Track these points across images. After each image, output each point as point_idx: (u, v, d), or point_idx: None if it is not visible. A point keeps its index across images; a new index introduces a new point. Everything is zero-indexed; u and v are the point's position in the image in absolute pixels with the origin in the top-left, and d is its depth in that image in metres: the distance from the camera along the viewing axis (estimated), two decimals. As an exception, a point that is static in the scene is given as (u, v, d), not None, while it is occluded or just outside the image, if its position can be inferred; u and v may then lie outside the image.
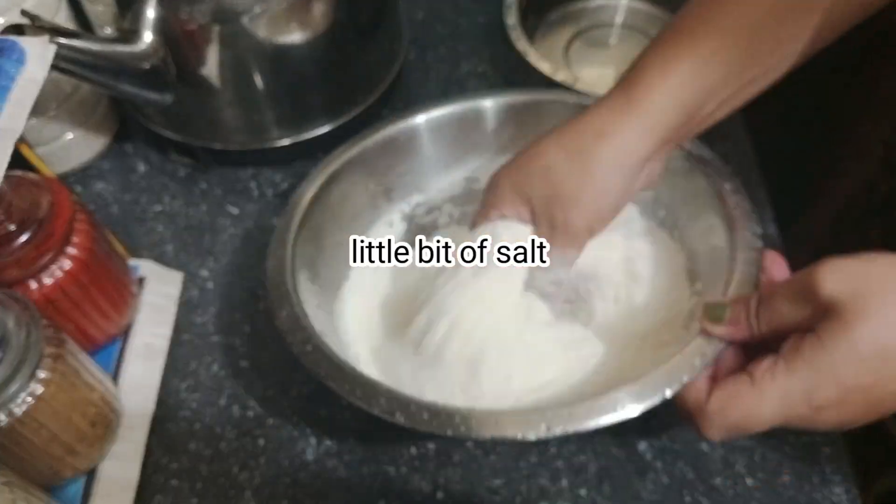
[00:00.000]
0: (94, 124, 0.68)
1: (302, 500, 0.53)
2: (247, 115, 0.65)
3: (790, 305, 0.39)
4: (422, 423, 0.42)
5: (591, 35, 0.79)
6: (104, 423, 0.51)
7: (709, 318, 0.43)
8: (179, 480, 0.53)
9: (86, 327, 0.54)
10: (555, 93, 0.61)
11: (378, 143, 0.58)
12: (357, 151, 0.57)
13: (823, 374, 0.36)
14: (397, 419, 0.42)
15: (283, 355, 0.58)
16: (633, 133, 0.47)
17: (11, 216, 0.47)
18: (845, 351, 0.35)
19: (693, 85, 0.45)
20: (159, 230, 0.66)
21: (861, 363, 0.35)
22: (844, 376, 0.36)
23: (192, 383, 0.58)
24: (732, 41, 0.44)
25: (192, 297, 0.62)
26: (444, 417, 0.42)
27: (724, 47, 0.44)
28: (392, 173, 0.60)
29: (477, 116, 0.59)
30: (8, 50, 0.46)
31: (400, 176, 0.60)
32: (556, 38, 0.79)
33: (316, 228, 0.55)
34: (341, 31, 0.63)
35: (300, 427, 0.56)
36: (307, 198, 0.54)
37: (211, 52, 0.59)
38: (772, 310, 0.40)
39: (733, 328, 0.42)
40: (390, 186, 0.60)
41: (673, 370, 0.42)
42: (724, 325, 0.42)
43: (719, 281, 0.47)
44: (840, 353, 0.36)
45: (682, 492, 0.52)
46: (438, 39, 0.80)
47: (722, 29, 0.44)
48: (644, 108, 0.46)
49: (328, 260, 0.56)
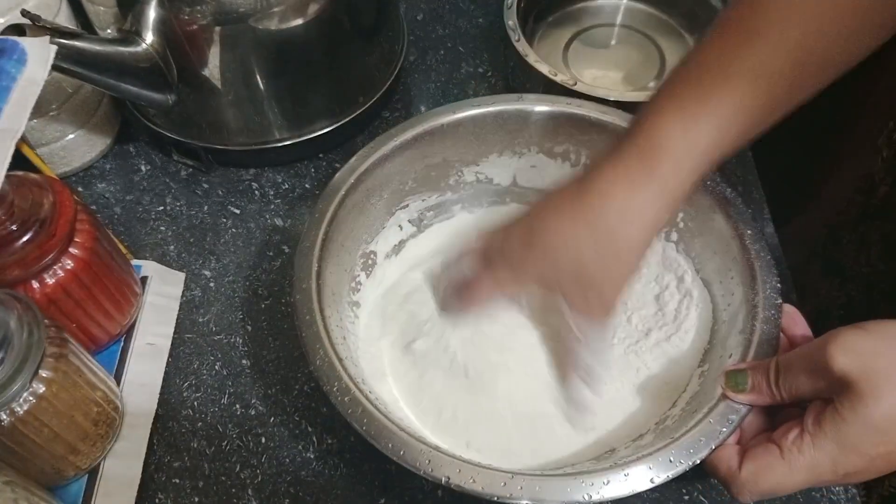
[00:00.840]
0: (95, 125, 0.68)
1: (303, 497, 0.53)
2: (248, 115, 0.66)
3: (807, 378, 0.40)
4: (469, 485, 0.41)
5: (591, 36, 0.79)
6: (106, 422, 0.51)
7: (730, 386, 0.44)
8: (181, 479, 0.54)
9: (88, 327, 0.54)
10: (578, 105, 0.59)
11: (396, 149, 0.57)
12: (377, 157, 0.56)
13: (847, 448, 0.38)
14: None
15: (285, 354, 0.59)
16: (660, 206, 0.45)
17: (13, 216, 0.48)
18: (864, 424, 0.37)
19: (717, 144, 0.44)
20: (161, 230, 0.66)
21: (880, 434, 0.38)
22: (866, 447, 0.38)
23: (194, 382, 0.58)
24: (752, 94, 0.43)
25: (195, 296, 0.62)
26: (491, 479, 0.41)
27: (745, 102, 0.43)
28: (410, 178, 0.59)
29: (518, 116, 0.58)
30: (9, 50, 0.46)
31: (415, 180, 0.60)
32: (555, 39, 0.79)
33: (337, 246, 0.54)
34: (342, 32, 0.64)
35: (301, 425, 0.56)
36: (327, 217, 0.53)
37: (212, 52, 0.60)
38: (791, 380, 0.41)
39: (756, 395, 0.43)
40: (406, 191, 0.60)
41: (700, 437, 0.42)
42: (747, 393, 0.43)
43: (738, 340, 0.47)
44: (859, 427, 0.38)
45: (681, 491, 0.52)
46: (438, 40, 0.80)
47: (742, 80, 0.43)
48: (669, 180, 0.44)
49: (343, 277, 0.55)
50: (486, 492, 0.41)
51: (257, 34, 0.59)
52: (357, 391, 0.45)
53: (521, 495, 0.41)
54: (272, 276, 0.63)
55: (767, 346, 0.46)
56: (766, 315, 0.47)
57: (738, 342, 0.47)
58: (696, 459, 0.42)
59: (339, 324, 0.51)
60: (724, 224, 0.52)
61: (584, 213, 0.46)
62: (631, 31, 0.80)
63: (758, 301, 0.47)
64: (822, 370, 0.39)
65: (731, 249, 0.51)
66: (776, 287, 0.48)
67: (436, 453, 0.42)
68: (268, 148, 0.68)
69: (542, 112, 0.58)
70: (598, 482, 0.41)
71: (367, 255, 0.58)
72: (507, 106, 0.58)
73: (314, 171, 0.70)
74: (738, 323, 0.48)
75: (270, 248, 0.65)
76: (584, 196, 0.46)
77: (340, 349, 0.47)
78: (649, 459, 0.42)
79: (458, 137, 0.58)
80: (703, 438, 0.42)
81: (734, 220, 0.51)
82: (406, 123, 0.57)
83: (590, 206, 0.45)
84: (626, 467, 0.41)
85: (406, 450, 0.42)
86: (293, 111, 0.66)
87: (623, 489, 0.41)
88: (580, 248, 0.46)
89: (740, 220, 0.51)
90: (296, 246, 0.51)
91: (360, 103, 0.69)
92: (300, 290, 0.49)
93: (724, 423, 0.42)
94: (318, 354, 0.46)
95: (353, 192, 0.55)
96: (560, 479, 0.41)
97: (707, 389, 0.47)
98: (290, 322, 0.61)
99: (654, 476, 0.41)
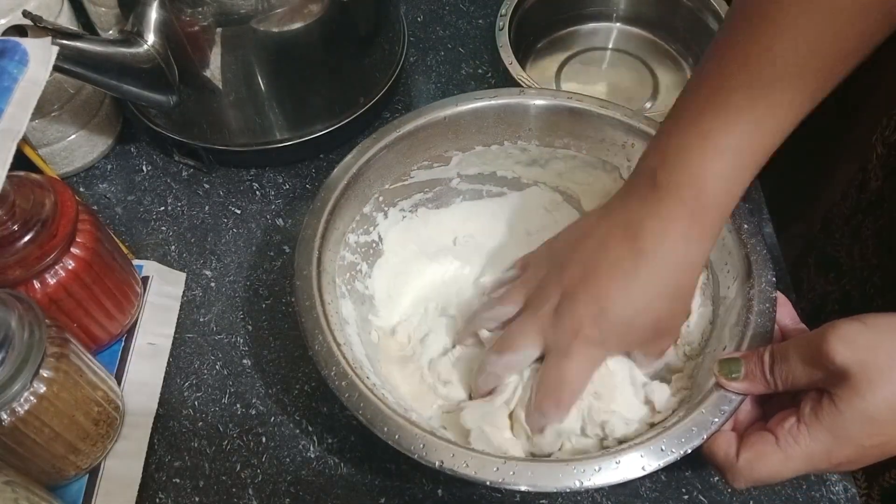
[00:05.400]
0: (97, 125, 0.69)
1: (303, 497, 0.53)
2: (249, 115, 0.66)
3: (804, 368, 0.41)
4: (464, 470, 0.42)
5: (584, 59, 0.80)
6: (107, 422, 0.51)
7: (723, 374, 0.44)
8: (182, 478, 0.54)
9: (89, 327, 0.54)
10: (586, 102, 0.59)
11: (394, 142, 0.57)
12: (375, 151, 0.56)
13: (842, 438, 0.39)
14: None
15: (285, 354, 0.59)
16: (708, 249, 0.47)
17: (15, 216, 0.48)
18: (860, 416, 0.38)
19: (750, 165, 0.45)
20: (163, 230, 0.67)
21: (875, 426, 0.38)
22: (861, 438, 0.39)
23: (194, 382, 0.58)
24: (771, 103, 0.43)
25: (195, 296, 0.63)
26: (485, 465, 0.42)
27: (768, 114, 0.43)
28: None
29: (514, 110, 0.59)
30: (10, 51, 0.46)
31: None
32: (547, 64, 0.80)
33: (338, 234, 0.55)
34: (342, 32, 0.64)
35: (302, 425, 0.56)
36: (327, 208, 0.54)
37: (213, 53, 0.60)
38: (787, 370, 0.42)
39: (750, 384, 0.43)
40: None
41: (693, 426, 0.43)
42: (740, 381, 0.43)
43: (733, 332, 0.48)
44: (855, 418, 0.38)
45: (681, 490, 0.52)
46: (438, 41, 0.81)
47: (762, 89, 0.43)
48: (717, 226, 0.46)
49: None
50: (479, 476, 0.41)
51: (258, 35, 0.59)
52: (354, 376, 0.45)
53: (513, 480, 0.41)
54: (273, 276, 0.64)
55: (761, 339, 0.46)
56: (761, 308, 0.47)
57: (733, 334, 0.47)
58: (688, 448, 0.42)
59: (339, 310, 0.52)
60: None
61: (650, 277, 0.46)
62: (623, 55, 0.80)
63: (753, 294, 0.48)
64: (821, 361, 0.39)
65: (727, 243, 0.51)
66: (771, 281, 0.48)
67: (430, 437, 0.43)
68: (269, 148, 0.68)
69: (542, 106, 0.58)
70: (590, 469, 0.41)
71: (368, 244, 0.59)
72: (508, 100, 0.58)
73: (315, 171, 0.70)
74: (733, 316, 0.49)
75: (271, 248, 0.65)
76: (644, 258, 0.46)
77: (339, 335, 0.48)
78: (641, 447, 0.42)
79: (459, 130, 0.59)
80: (695, 428, 0.42)
81: (731, 214, 0.51)
82: (408, 115, 0.58)
83: (653, 268, 0.46)
84: (617, 455, 0.42)
85: (401, 434, 0.43)
86: (294, 112, 0.67)
87: (614, 476, 0.41)
88: (657, 312, 0.47)
89: (737, 214, 0.51)
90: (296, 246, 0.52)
91: (360, 104, 0.70)
92: (301, 277, 0.50)
93: (716, 414, 0.43)
94: (316, 339, 0.47)
95: (356, 182, 0.55)
96: (552, 465, 0.42)
97: (700, 380, 0.47)
98: (290, 322, 0.61)
99: (646, 464, 0.41)
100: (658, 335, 0.49)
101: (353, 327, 0.53)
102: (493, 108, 0.58)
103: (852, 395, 0.38)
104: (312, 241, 0.51)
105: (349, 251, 0.56)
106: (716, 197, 0.45)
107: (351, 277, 0.56)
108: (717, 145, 0.44)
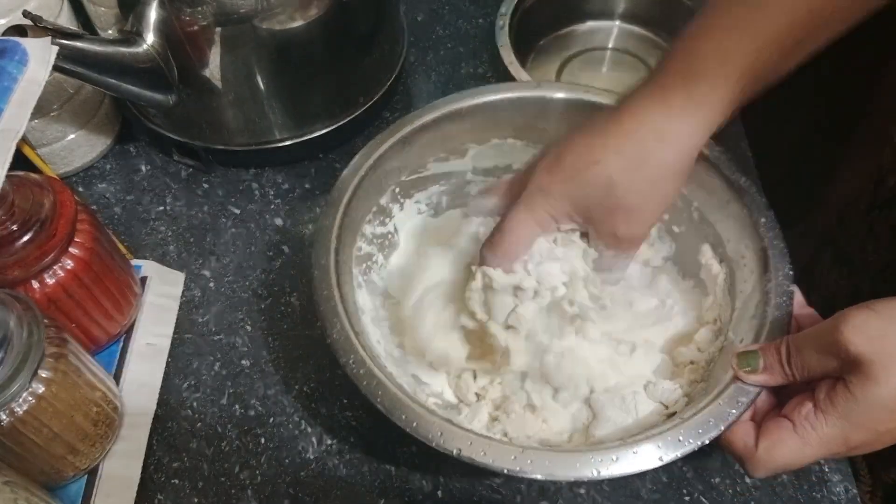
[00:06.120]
0: (96, 125, 0.69)
1: (303, 498, 0.53)
2: (248, 115, 0.66)
3: (819, 358, 0.41)
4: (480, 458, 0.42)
5: (584, 60, 0.80)
6: (106, 423, 0.51)
7: (742, 367, 0.44)
8: (181, 479, 0.54)
9: (88, 327, 0.54)
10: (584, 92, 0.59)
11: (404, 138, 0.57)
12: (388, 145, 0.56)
13: (858, 424, 0.40)
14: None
15: (284, 354, 0.59)
16: (695, 133, 0.44)
17: (14, 216, 0.48)
18: (875, 402, 0.39)
19: (754, 72, 0.43)
20: (161, 230, 0.66)
21: (889, 412, 0.39)
22: (876, 423, 0.40)
23: (193, 382, 0.58)
24: (788, 21, 0.42)
25: (194, 296, 0.62)
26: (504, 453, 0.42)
27: (782, 29, 0.42)
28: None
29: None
30: (10, 51, 0.46)
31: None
32: (547, 64, 0.80)
33: (355, 225, 0.55)
34: (342, 33, 0.64)
35: (301, 426, 0.56)
36: (344, 200, 0.53)
37: (212, 53, 0.60)
38: (802, 360, 0.42)
39: (768, 375, 0.43)
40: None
41: (710, 418, 0.43)
42: (759, 373, 0.43)
43: (750, 325, 0.48)
44: (870, 404, 0.39)
45: (682, 491, 0.52)
46: (438, 41, 0.80)
47: (778, 8, 0.42)
48: (708, 105, 0.43)
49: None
50: (496, 465, 0.41)
51: (258, 35, 0.59)
52: (372, 364, 0.45)
53: (530, 469, 0.41)
54: (272, 276, 0.63)
55: (778, 332, 0.46)
56: (778, 301, 0.47)
57: (750, 327, 0.47)
58: (706, 440, 0.42)
59: (355, 299, 0.52)
60: (739, 211, 0.52)
61: (615, 135, 0.44)
62: (624, 55, 0.80)
63: (770, 288, 0.48)
64: (836, 351, 0.40)
65: (745, 236, 0.51)
66: (788, 274, 0.48)
67: (448, 426, 0.43)
68: (268, 148, 0.68)
69: (560, 99, 0.58)
70: (608, 459, 0.41)
71: (384, 235, 0.59)
72: (525, 93, 0.58)
73: (314, 171, 0.70)
74: (750, 309, 0.49)
75: (270, 248, 0.65)
76: (616, 118, 0.44)
77: (356, 324, 0.48)
78: (658, 438, 0.42)
79: (476, 123, 0.58)
80: (713, 419, 0.42)
81: (749, 208, 0.51)
82: (426, 107, 0.57)
83: (623, 128, 0.44)
84: (635, 445, 0.42)
85: (419, 422, 0.43)
86: (293, 111, 0.66)
87: (632, 466, 0.41)
88: (610, 169, 0.44)
89: (755, 208, 0.51)
90: (296, 246, 0.52)
91: (360, 104, 0.69)
92: (318, 266, 0.49)
93: (733, 405, 0.43)
94: (335, 328, 0.47)
95: (373, 173, 0.55)
96: (569, 455, 0.42)
97: (718, 372, 0.47)
98: (289, 322, 0.61)
99: (663, 454, 0.41)
100: (612, 208, 0.46)
101: (367, 316, 0.53)
102: (510, 101, 0.58)
103: (867, 381, 0.39)
104: (330, 231, 0.51)
105: (365, 242, 0.56)
106: (708, 70, 0.43)
107: (367, 268, 0.57)
108: (718, 37, 0.43)
